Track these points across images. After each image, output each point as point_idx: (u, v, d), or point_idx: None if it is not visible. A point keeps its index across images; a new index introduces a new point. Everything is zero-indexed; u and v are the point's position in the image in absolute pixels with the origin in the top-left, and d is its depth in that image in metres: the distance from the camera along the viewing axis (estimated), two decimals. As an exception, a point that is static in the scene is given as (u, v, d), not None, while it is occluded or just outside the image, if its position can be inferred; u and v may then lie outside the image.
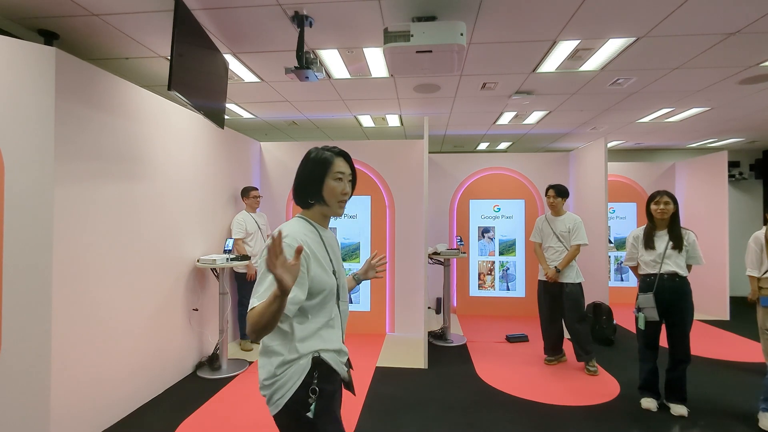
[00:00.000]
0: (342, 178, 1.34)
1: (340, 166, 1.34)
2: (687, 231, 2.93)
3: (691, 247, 2.90)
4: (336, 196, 1.33)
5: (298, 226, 1.31)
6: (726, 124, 5.69)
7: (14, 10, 2.66)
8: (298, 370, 1.24)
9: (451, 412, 2.96)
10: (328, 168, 1.32)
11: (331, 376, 1.29)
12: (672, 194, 2.95)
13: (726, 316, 5.50)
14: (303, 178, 1.35)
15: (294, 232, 1.25)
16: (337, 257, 1.40)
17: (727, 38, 3.01)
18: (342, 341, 1.39)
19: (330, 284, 1.30)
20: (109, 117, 2.78)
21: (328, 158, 1.33)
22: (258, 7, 2.64)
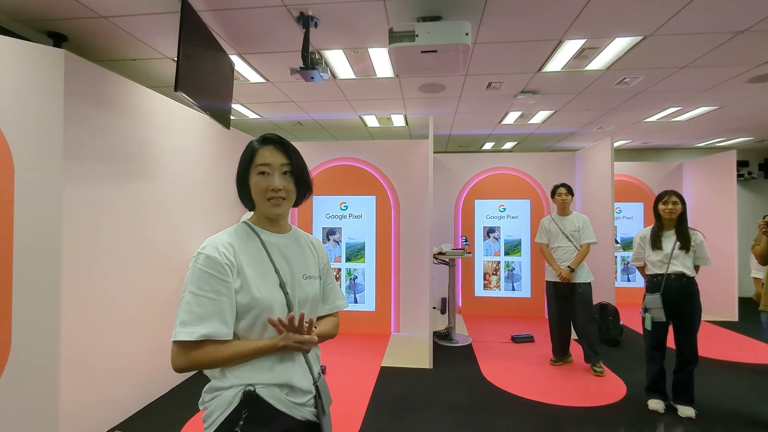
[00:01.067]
0: (267, 171, 1.09)
1: (264, 157, 1.10)
2: (694, 231, 2.91)
3: (699, 247, 2.88)
4: (261, 193, 1.10)
5: (225, 234, 1.10)
6: (734, 123, 5.63)
7: (24, 13, 2.69)
8: (223, 401, 1.01)
9: (456, 412, 2.96)
10: (250, 161, 1.11)
11: (269, 418, 1.03)
12: (680, 194, 2.94)
13: (734, 317, 5.45)
14: (240, 176, 1.14)
15: (212, 242, 1.05)
16: (291, 266, 1.14)
17: (734, 37, 2.98)
18: (310, 372, 1.12)
19: (268, 300, 1.05)
20: (117, 118, 2.80)
21: (250, 149, 1.12)
22: (263, 8, 2.65)
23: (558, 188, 3.86)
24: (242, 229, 1.13)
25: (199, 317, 0.98)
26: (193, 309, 0.98)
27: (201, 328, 0.97)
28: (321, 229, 5.05)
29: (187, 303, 0.99)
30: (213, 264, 1.01)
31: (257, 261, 1.09)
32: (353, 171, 5.06)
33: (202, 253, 1.03)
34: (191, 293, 0.99)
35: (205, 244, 1.05)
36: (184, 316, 0.98)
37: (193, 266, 1.02)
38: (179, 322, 0.98)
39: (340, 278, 5.03)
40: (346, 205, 5.03)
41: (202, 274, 1.01)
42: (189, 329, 0.97)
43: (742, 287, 5.75)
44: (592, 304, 3.73)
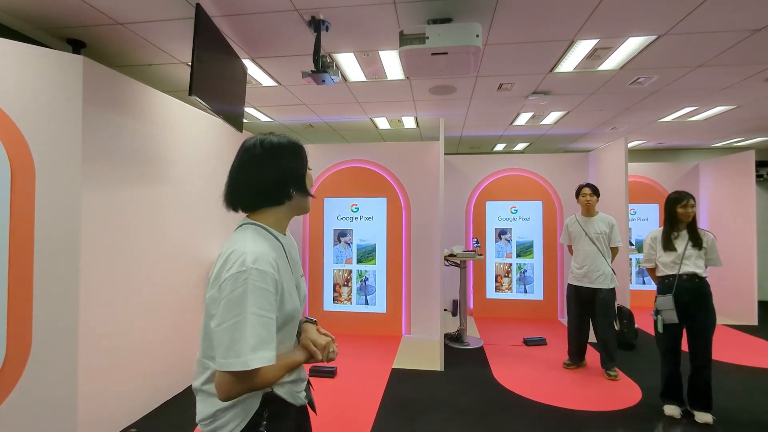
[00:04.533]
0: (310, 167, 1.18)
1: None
2: (705, 232, 2.90)
3: (710, 248, 2.87)
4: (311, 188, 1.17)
5: (261, 244, 1.02)
6: (752, 122, 5.51)
7: (44, 21, 2.77)
8: (242, 410, 1.01)
9: (468, 415, 2.95)
10: (305, 155, 1.16)
11: (286, 412, 1.09)
12: (693, 195, 2.95)
13: (754, 320, 5.32)
14: (284, 168, 1.10)
15: (261, 255, 0.97)
16: (297, 267, 1.15)
17: (752, 35, 2.93)
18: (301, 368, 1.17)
19: (297, 308, 1.09)
20: (133, 122, 2.86)
21: (301, 145, 1.16)
22: (276, 13, 2.68)
23: (582, 188, 3.79)
24: (264, 234, 1.07)
25: (265, 341, 0.92)
26: (260, 332, 0.92)
27: (269, 351, 0.93)
28: (332, 231, 5.08)
29: (253, 326, 0.91)
30: (269, 280, 0.96)
31: (286, 270, 1.06)
32: (364, 173, 5.08)
33: (256, 269, 0.94)
34: (255, 315, 0.91)
35: (254, 257, 0.95)
36: (253, 341, 0.90)
37: (245, 283, 0.92)
38: (249, 348, 0.89)
39: (351, 280, 5.04)
40: (357, 206, 5.05)
41: (262, 292, 0.94)
42: (261, 354, 0.91)
43: (761, 290, 5.62)
44: (613, 310, 3.66)
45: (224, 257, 0.98)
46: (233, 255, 0.96)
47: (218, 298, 0.94)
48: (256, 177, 1.07)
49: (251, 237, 1.02)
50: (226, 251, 0.99)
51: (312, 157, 5.49)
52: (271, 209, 1.10)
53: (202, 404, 1.05)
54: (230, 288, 0.92)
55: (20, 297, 2.32)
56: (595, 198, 3.74)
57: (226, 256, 0.97)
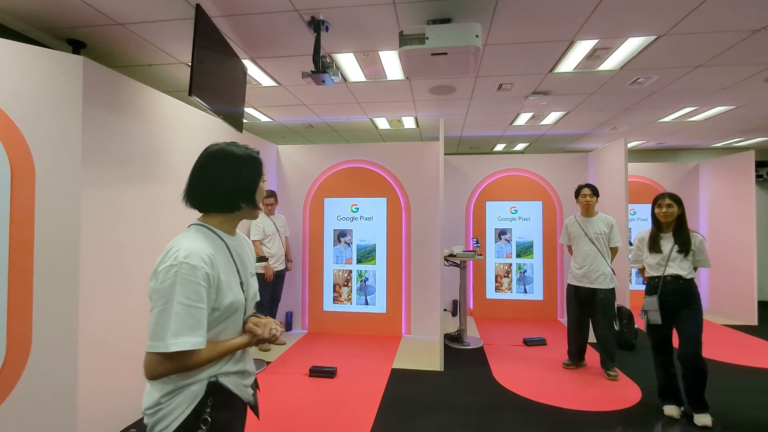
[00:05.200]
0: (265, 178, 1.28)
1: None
2: (694, 233, 2.87)
3: (698, 249, 2.84)
4: (261, 199, 1.26)
5: (199, 241, 1.10)
6: (752, 122, 5.51)
7: (44, 21, 2.78)
8: (187, 397, 1.06)
9: (468, 415, 2.95)
10: (261, 170, 1.25)
11: (230, 403, 1.14)
12: (676, 196, 2.89)
13: (754, 321, 5.32)
14: (238, 179, 1.18)
15: (194, 251, 1.06)
16: (245, 266, 1.24)
17: (751, 35, 2.93)
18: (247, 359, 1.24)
19: (240, 302, 1.17)
20: (133, 122, 2.87)
21: (260, 159, 1.25)
22: (275, 13, 2.69)
23: (582, 189, 3.79)
24: (206, 233, 1.16)
25: (190, 327, 1.01)
26: (184, 319, 1.01)
27: (193, 337, 1.02)
28: (332, 231, 5.08)
29: (177, 314, 1.00)
30: (198, 273, 1.04)
31: (227, 266, 1.16)
32: (364, 173, 5.08)
33: (186, 263, 1.03)
34: (181, 304, 1.01)
35: (186, 253, 1.04)
36: (176, 327, 0.99)
37: (175, 275, 1.02)
38: (171, 333, 0.99)
39: (351, 280, 5.05)
40: (357, 207, 5.05)
41: (190, 284, 1.02)
42: (183, 339, 1.00)
43: (761, 290, 5.62)
44: (613, 311, 3.66)
45: (164, 252, 1.08)
46: (171, 251, 1.07)
47: (153, 287, 1.04)
48: (211, 183, 1.17)
49: (191, 235, 1.12)
50: (167, 247, 1.09)
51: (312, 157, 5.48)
52: (222, 214, 1.20)
53: (149, 393, 1.08)
54: (162, 279, 1.03)
55: (20, 297, 2.32)
56: (595, 198, 3.74)
57: (166, 252, 1.07)
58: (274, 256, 4.32)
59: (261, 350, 4.33)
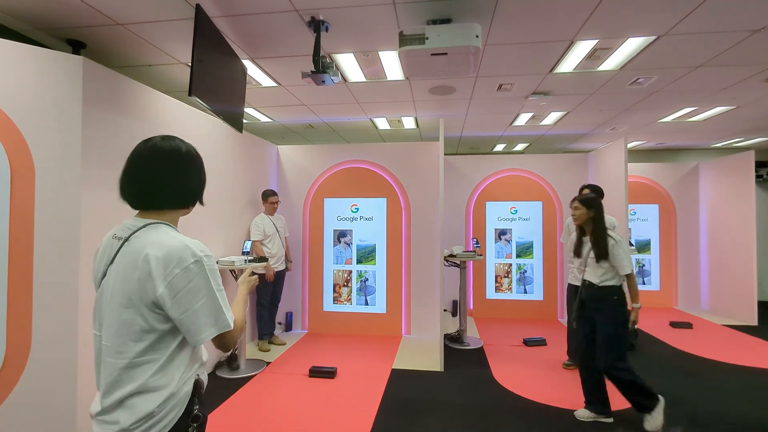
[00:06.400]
0: None
1: None
2: (610, 237, 2.74)
3: (611, 254, 2.71)
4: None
5: (184, 236, 1.15)
6: (752, 122, 5.51)
7: (44, 21, 2.78)
8: (181, 399, 1.08)
9: (468, 415, 2.94)
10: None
11: (203, 396, 1.17)
12: (587, 199, 2.81)
13: (754, 320, 5.32)
14: (201, 177, 1.23)
15: (197, 244, 1.12)
16: None
17: (751, 35, 2.93)
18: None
19: None
20: (133, 122, 2.86)
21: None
22: (276, 14, 2.69)
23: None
24: (175, 230, 1.19)
25: (227, 305, 1.12)
26: (224, 301, 1.11)
27: (231, 312, 1.13)
28: (332, 231, 5.08)
29: (221, 298, 1.09)
30: (213, 261, 1.13)
31: None
32: (364, 173, 5.08)
33: (206, 255, 1.10)
34: (218, 291, 1.09)
35: (197, 247, 1.10)
36: (225, 307, 1.10)
37: (202, 269, 1.07)
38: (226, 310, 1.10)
39: (351, 280, 5.05)
40: (357, 207, 5.05)
41: (215, 272, 1.11)
42: (229, 315, 1.11)
43: (761, 291, 5.62)
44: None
45: (160, 257, 1.04)
46: (174, 252, 1.05)
47: (172, 292, 1.03)
48: (182, 181, 1.18)
49: (174, 233, 1.14)
50: (160, 252, 1.05)
51: (312, 157, 5.47)
52: (172, 210, 1.20)
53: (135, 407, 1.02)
54: (188, 278, 1.04)
55: (20, 297, 2.32)
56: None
57: (165, 255, 1.04)
58: (275, 257, 4.32)
59: (261, 350, 4.33)
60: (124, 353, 1.04)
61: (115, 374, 1.05)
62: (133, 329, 1.04)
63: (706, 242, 6.22)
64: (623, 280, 2.75)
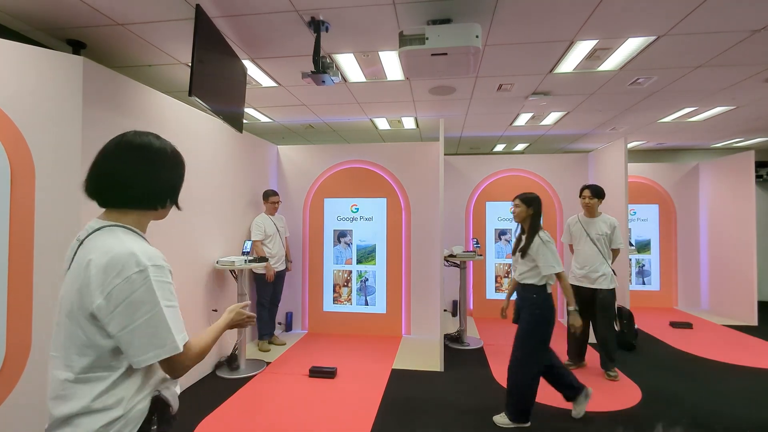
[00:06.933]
0: None
1: None
2: (539, 237, 2.74)
3: (536, 253, 2.72)
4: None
5: (142, 243, 1.03)
6: (752, 123, 5.51)
7: (44, 22, 2.78)
8: (132, 419, 0.97)
9: (468, 415, 2.94)
10: (185, 170, 1.19)
11: (171, 415, 1.07)
12: (527, 197, 2.82)
13: (754, 321, 5.32)
14: (173, 177, 1.13)
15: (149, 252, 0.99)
16: None
17: (751, 35, 2.93)
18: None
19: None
20: (133, 122, 2.87)
21: (184, 159, 1.19)
22: (276, 14, 2.69)
23: (583, 190, 3.79)
24: (134, 234, 1.05)
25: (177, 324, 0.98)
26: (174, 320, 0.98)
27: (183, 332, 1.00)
28: (332, 232, 5.08)
29: (168, 316, 0.96)
30: (167, 272, 1.00)
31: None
32: (364, 173, 5.08)
33: (153, 265, 0.97)
34: (165, 307, 0.96)
35: (146, 256, 0.97)
36: (174, 326, 0.97)
37: (146, 281, 0.94)
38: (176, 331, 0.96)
39: (351, 280, 5.05)
40: (357, 207, 5.05)
41: (164, 285, 0.98)
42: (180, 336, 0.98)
43: (761, 291, 5.62)
44: (613, 311, 3.66)
45: (101, 265, 0.93)
46: (117, 260, 0.94)
47: (110, 305, 0.92)
48: (149, 178, 1.07)
49: (127, 238, 1.00)
50: (103, 259, 0.94)
51: (312, 157, 5.46)
52: (138, 211, 1.08)
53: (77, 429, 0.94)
54: (128, 290, 0.92)
55: (20, 297, 2.32)
56: (596, 200, 3.73)
57: (107, 263, 0.93)
58: (275, 257, 4.33)
59: (261, 350, 4.33)
60: (71, 367, 0.96)
61: (61, 389, 0.96)
62: (76, 343, 0.96)
63: (706, 242, 6.22)
64: (546, 281, 2.75)
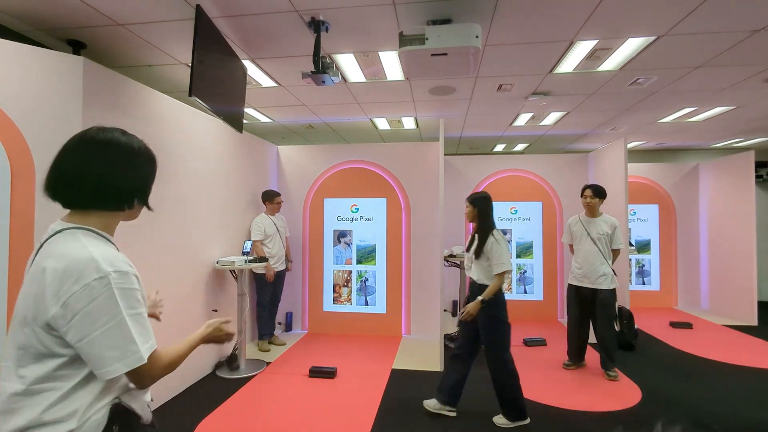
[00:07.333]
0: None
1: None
2: (493, 236, 2.78)
3: (489, 252, 2.77)
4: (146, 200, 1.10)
5: (105, 247, 0.95)
6: (752, 123, 5.51)
7: (44, 22, 2.78)
8: (90, 428, 0.91)
9: (468, 415, 2.94)
10: (156, 168, 1.12)
11: (138, 426, 1.01)
12: (473, 198, 2.90)
13: (754, 321, 5.32)
14: (141, 175, 1.06)
15: (112, 257, 0.93)
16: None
17: (751, 35, 2.93)
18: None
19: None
20: (133, 123, 2.87)
21: (155, 157, 1.11)
22: (276, 14, 2.69)
23: (584, 190, 3.80)
24: (98, 237, 0.98)
25: (143, 333, 0.93)
26: (139, 329, 0.92)
27: (150, 341, 0.95)
28: (332, 232, 5.08)
29: (132, 325, 0.90)
30: (131, 279, 0.94)
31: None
32: (364, 173, 5.08)
33: (116, 271, 0.90)
34: (129, 315, 0.90)
35: (107, 261, 0.90)
36: (139, 335, 0.91)
37: (108, 288, 0.88)
38: (141, 340, 0.91)
39: (351, 280, 5.05)
40: (357, 207, 5.05)
41: (128, 292, 0.91)
42: (145, 346, 0.92)
43: (761, 291, 5.62)
44: (613, 311, 3.66)
45: (58, 271, 0.87)
46: (75, 265, 0.88)
47: (67, 314, 0.86)
48: (114, 176, 0.99)
49: (89, 242, 0.94)
50: (60, 265, 0.88)
51: (312, 157, 5.45)
52: (103, 212, 1.01)
53: None
54: (88, 298, 0.86)
55: (20, 297, 2.32)
56: (597, 200, 3.73)
57: (64, 269, 0.87)
58: (275, 257, 4.33)
59: (261, 350, 4.33)
60: (23, 378, 0.89)
61: (10, 402, 0.89)
62: (31, 352, 0.89)
63: (706, 242, 6.22)
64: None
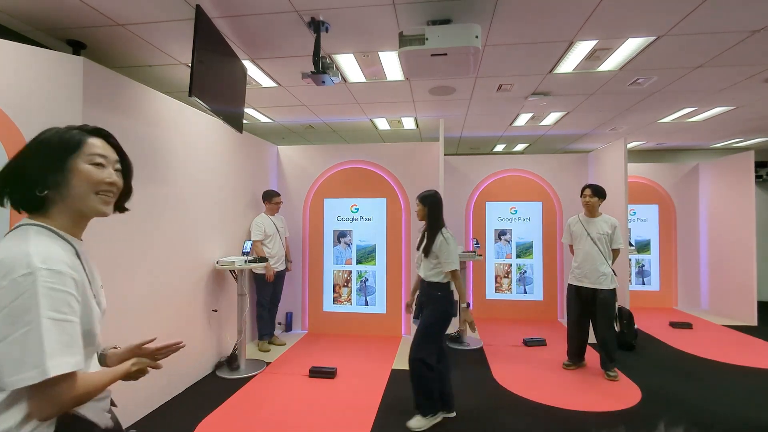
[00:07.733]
0: (102, 163, 0.97)
1: (98, 147, 0.98)
2: (441, 235, 2.79)
3: (438, 251, 2.78)
4: (93, 185, 0.94)
5: (48, 245, 0.87)
6: (752, 123, 5.52)
7: (44, 22, 2.78)
8: None
9: (468, 416, 2.94)
10: (76, 147, 0.93)
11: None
12: (422, 196, 2.90)
13: (754, 321, 5.32)
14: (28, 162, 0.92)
15: (51, 255, 0.84)
16: (95, 278, 1.02)
17: (751, 35, 2.93)
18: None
19: (97, 317, 0.96)
20: (133, 123, 2.87)
21: (74, 134, 0.95)
22: (276, 14, 2.69)
23: (584, 190, 3.80)
24: (50, 235, 0.90)
25: (67, 345, 0.82)
26: (58, 338, 0.80)
27: (74, 357, 0.83)
28: (332, 232, 5.08)
29: (48, 331, 0.79)
30: (66, 280, 0.84)
31: (84, 279, 0.93)
32: (364, 173, 5.08)
33: (46, 269, 0.81)
34: (50, 319, 0.79)
35: (42, 257, 0.82)
36: (49, 347, 0.78)
37: (33, 286, 0.79)
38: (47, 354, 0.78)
39: (351, 280, 5.05)
40: (356, 207, 5.05)
41: (57, 294, 0.82)
42: (64, 360, 0.80)
43: (761, 291, 5.62)
44: (613, 311, 3.66)
45: None
46: (8, 260, 0.81)
47: None
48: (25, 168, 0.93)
49: (36, 239, 0.87)
50: None
51: (312, 157, 5.45)
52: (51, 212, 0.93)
53: None
54: (10, 297, 0.78)
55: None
56: (597, 199, 3.73)
57: None
58: (275, 257, 4.33)
59: (260, 350, 4.33)
60: None
61: None
62: None
63: (706, 242, 6.22)
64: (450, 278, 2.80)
